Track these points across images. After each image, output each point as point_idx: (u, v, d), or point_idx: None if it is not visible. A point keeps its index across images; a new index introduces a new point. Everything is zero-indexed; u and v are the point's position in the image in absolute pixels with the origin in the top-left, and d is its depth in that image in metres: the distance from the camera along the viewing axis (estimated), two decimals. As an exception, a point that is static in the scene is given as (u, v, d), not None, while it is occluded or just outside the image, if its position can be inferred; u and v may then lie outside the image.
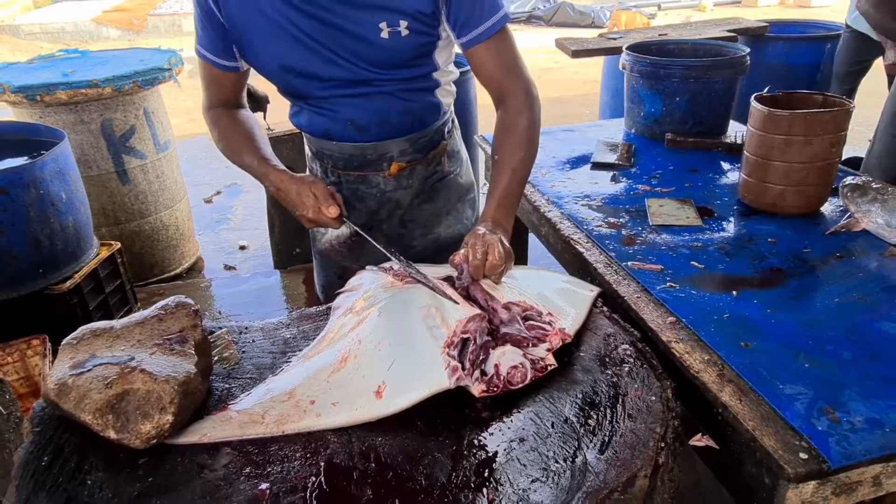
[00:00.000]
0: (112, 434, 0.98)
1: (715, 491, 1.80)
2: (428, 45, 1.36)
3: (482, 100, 3.80)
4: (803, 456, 0.94)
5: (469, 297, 1.25)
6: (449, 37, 1.38)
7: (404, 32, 1.30)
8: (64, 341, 1.10)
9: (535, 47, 9.67)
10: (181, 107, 6.56)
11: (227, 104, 1.49)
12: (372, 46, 1.31)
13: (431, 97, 1.45)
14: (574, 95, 7.19)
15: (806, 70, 3.67)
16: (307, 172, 1.60)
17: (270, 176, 1.38)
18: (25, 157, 2.49)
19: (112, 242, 2.79)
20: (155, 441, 0.99)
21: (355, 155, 1.47)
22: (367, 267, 1.46)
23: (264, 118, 3.12)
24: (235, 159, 1.44)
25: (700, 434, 1.89)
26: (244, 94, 1.54)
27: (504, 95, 1.41)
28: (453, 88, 1.54)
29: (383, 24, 1.28)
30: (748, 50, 2.24)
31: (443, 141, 1.55)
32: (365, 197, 1.52)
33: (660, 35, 3.70)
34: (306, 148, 1.61)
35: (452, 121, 1.61)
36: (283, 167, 1.40)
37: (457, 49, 1.42)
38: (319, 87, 1.38)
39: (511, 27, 1.39)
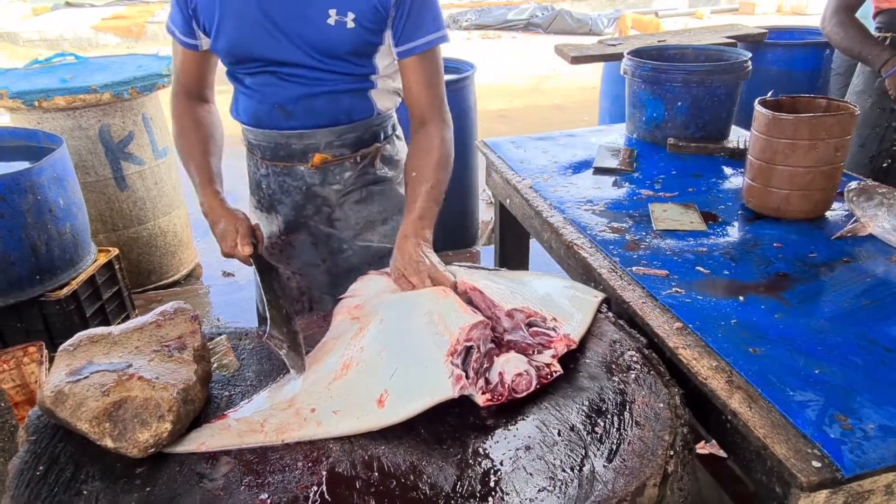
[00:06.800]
0: (109, 442, 0.96)
1: (717, 498, 1.78)
2: (369, 46, 1.39)
3: (481, 106, 3.80)
4: (816, 464, 0.92)
5: (472, 304, 1.24)
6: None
7: (350, 24, 1.33)
8: (60, 348, 1.08)
9: (533, 54, 9.69)
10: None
11: (190, 93, 1.51)
12: (317, 30, 1.34)
13: (364, 96, 1.47)
14: (573, 102, 7.20)
15: (806, 76, 3.67)
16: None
17: (205, 199, 1.42)
18: (23, 163, 2.47)
19: (110, 249, 2.77)
20: (153, 450, 0.97)
21: (281, 143, 1.49)
22: (368, 272, 1.44)
23: None
24: (184, 164, 1.48)
25: (703, 442, 1.88)
26: (210, 88, 1.55)
27: (424, 120, 1.45)
28: (395, 96, 1.55)
29: (332, 11, 1.32)
30: (750, 55, 2.23)
31: (376, 143, 1.54)
32: (291, 190, 1.53)
33: (659, 41, 3.69)
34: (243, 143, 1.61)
35: (394, 127, 1.61)
36: (220, 192, 1.43)
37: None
38: (259, 66, 1.40)
39: (509, 34, 1.40)
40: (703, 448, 1.89)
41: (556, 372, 1.12)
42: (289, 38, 1.35)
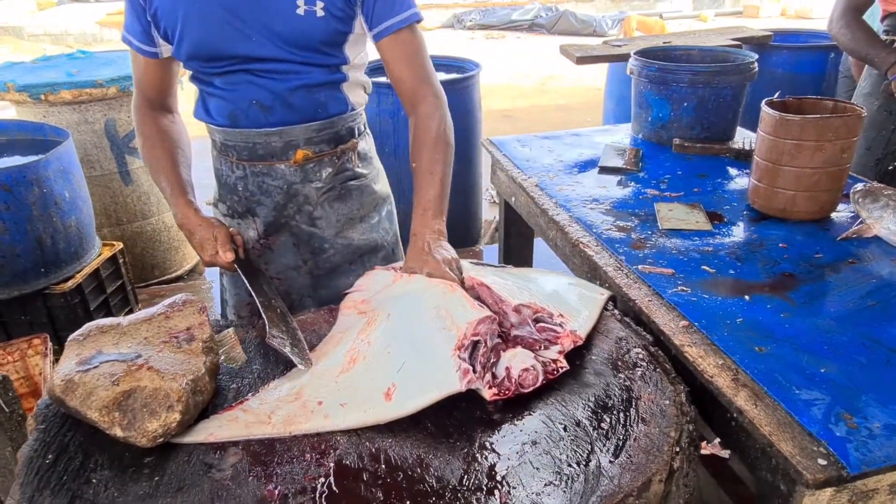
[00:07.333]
0: (118, 432, 0.96)
1: (717, 498, 1.78)
2: (340, 35, 1.38)
3: (486, 105, 3.80)
4: (822, 462, 0.92)
5: (479, 299, 1.24)
6: (363, 34, 1.42)
7: (320, 13, 1.33)
8: (70, 337, 1.09)
9: (537, 55, 9.69)
10: (185, 109, 6.53)
11: (152, 103, 1.50)
12: (286, 22, 1.33)
13: (337, 90, 1.47)
14: (577, 103, 7.20)
15: (811, 79, 3.67)
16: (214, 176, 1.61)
17: (178, 210, 1.41)
18: (29, 156, 2.48)
19: (114, 243, 2.78)
20: (161, 440, 0.98)
21: (260, 142, 1.47)
22: (375, 266, 1.45)
23: None
24: (153, 176, 1.47)
25: (704, 442, 1.88)
26: (173, 97, 1.54)
27: (416, 101, 1.43)
28: (364, 92, 1.55)
29: (300, 1, 1.31)
30: (756, 56, 2.23)
31: (352, 139, 1.54)
32: (271, 190, 1.52)
33: (664, 42, 3.69)
34: (211, 147, 1.60)
35: (365, 126, 1.61)
36: (193, 202, 1.43)
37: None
38: (229, 64, 1.39)
39: (513, 34, 1.40)
40: (704, 448, 1.89)
41: (562, 368, 1.13)
42: (259, 33, 1.34)
